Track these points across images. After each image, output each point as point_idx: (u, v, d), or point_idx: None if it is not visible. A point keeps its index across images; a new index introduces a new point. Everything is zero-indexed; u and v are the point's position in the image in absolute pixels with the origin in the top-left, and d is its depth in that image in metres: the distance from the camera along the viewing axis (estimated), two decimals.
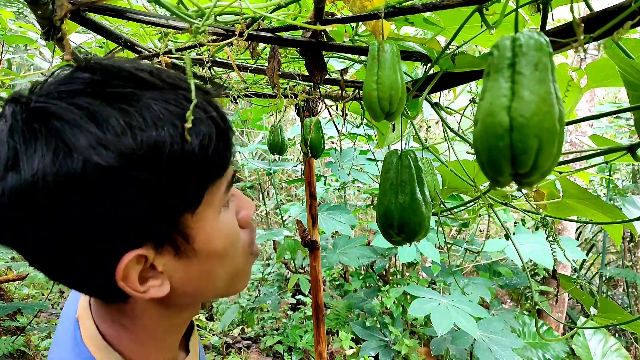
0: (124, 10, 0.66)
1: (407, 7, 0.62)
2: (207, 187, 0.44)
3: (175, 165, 0.39)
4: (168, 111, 0.40)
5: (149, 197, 0.39)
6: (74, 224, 0.38)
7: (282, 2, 0.67)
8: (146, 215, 0.40)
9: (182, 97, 0.41)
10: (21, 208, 0.37)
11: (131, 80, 0.40)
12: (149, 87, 0.40)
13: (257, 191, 6.03)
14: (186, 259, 0.45)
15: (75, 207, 0.37)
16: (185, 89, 0.42)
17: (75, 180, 0.36)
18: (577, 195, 1.01)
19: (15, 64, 4.35)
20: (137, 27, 1.00)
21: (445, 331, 2.11)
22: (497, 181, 0.39)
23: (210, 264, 0.47)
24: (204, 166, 0.42)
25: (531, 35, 0.37)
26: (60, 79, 0.40)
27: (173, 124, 0.39)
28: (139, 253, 0.41)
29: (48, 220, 0.37)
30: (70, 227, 0.38)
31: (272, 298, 3.46)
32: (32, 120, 0.38)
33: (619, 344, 2.56)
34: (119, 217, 0.38)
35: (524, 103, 0.35)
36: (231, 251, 0.49)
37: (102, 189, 0.37)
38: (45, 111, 0.38)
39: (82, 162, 0.36)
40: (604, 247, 3.83)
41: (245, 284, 0.54)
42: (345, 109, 1.21)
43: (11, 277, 2.87)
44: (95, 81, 0.39)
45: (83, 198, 0.37)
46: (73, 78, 0.40)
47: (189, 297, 0.49)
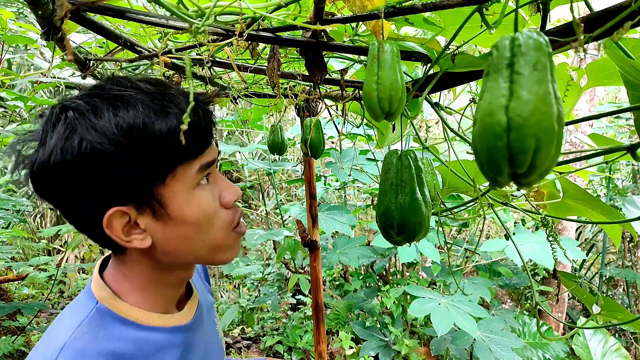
0: (124, 10, 0.66)
1: (407, 7, 0.62)
2: (176, 165, 0.56)
3: (145, 145, 0.53)
4: (148, 106, 0.53)
5: (125, 167, 0.53)
6: (75, 183, 0.53)
7: (282, 2, 0.67)
8: (124, 181, 0.53)
9: (166, 99, 0.55)
10: (45, 172, 0.53)
11: (130, 88, 0.55)
12: (142, 91, 0.55)
13: (257, 191, 6.03)
14: (162, 221, 0.57)
15: (73, 172, 0.52)
16: (172, 94, 0.57)
17: (74, 152, 0.52)
18: (577, 196, 1.01)
19: (15, 64, 4.35)
20: (137, 27, 1.00)
21: (445, 331, 2.11)
22: (496, 181, 0.39)
23: (184, 229, 0.59)
24: (171, 149, 0.54)
25: (530, 35, 0.37)
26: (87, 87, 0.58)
27: (148, 114, 0.53)
28: (120, 209, 0.55)
29: (59, 180, 0.53)
30: (73, 186, 0.53)
31: (272, 298, 3.46)
32: (59, 112, 0.55)
33: (619, 344, 2.56)
34: (104, 180, 0.53)
35: (522, 103, 0.35)
36: (205, 224, 0.60)
37: (91, 160, 0.52)
38: (67, 106, 0.55)
39: (78, 140, 0.52)
40: (604, 247, 3.83)
41: (231, 256, 0.66)
42: (345, 109, 1.21)
43: (11, 277, 2.87)
44: (104, 87, 0.56)
45: (78, 166, 0.52)
46: (93, 87, 0.57)
47: (171, 256, 0.61)
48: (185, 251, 0.61)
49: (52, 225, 5.04)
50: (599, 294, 0.92)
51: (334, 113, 1.42)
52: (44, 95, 4.56)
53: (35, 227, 4.94)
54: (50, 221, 5.18)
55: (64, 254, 4.54)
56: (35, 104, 1.92)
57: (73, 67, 1.43)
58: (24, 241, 4.27)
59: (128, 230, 0.57)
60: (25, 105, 1.93)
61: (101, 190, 0.53)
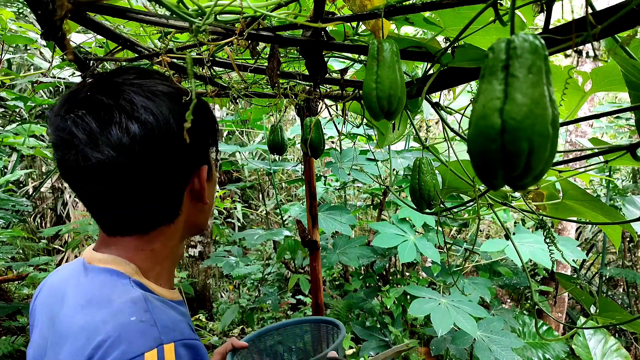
0: (124, 9, 0.66)
1: (407, 6, 0.62)
2: (215, 141, 0.72)
3: (209, 122, 0.69)
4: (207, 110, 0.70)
5: (209, 133, 0.69)
6: (184, 149, 0.62)
7: (282, 0, 0.67)
8: (207, 143, 0.69)
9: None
10: (153, 142, 0.59)
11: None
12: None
13: (257, 191, 6.03)
14: (209, 182, 0.70)
15: (180, 139, 0.58)
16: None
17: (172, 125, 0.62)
18: (577, 197, 1.01)
19: (15, 64, 4.35)
20: (137, 27, 1.00)
21: (445, 331, 2.11)
22: (491, 184, 0.39)
23: (214, 188, 0.74)
24: (216, 130, 0.72)
25: (526, 38, 0.37)
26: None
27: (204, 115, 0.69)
28: (204, 168, 0.67)
29: (165, 149, 0.60)
30: (180, 152, 0.62)
31: (272, 298, 3.46)
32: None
33: (618, 343, 2.56)
34: (201, 139, 0.67)
35: (516, 106, 0.35)
36: (216, 184, 0.77)
37: (196, 118, 0.62)
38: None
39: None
40: (604, 247, 3.83)
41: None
42: (345, 108, 1.21)
43: (11, 277, 2.87)
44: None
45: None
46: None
47: (202, 218, 0.72)
48: (210, 210, 0.74)
49: (52, 225, 5.04)
50: (596, 296, 0.92)
51: (334, 113, 1.42)
52: (43, 95, 4.56)
53: (35, 227, 4.94)
54: (50, 221, 5.18)
55: (64, 254, 4.54)
56: (35, 104, 1.92)
57: (73, 67, 1.43)
58: (24, 241, 4.27)
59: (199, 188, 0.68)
60: (25, 105, 1.93)
61: (201, 148, 0.67)
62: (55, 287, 0.67)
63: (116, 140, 0.55)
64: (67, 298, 0.61)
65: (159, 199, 0.62)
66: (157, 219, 0.64)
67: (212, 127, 0.70)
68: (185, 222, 0.68)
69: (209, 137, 0.69)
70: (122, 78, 0.60)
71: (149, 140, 0.57)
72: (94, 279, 0.61)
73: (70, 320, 0.57)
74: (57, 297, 0.64)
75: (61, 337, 0.57)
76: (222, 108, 2.53)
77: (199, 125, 0.64)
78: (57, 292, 0.65)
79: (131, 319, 0.54)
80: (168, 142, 0.59)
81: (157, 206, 0.62)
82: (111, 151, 0.55)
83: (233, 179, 6.27)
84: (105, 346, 0.51)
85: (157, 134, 0.57)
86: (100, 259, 0.63)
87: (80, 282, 0.62)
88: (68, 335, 0.56)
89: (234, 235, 3.96)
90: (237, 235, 3.55)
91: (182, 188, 0.65)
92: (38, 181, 4.90)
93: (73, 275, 0.65)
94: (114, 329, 0.53)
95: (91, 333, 0.53)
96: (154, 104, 0.58)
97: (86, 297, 0.59)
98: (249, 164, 3.45)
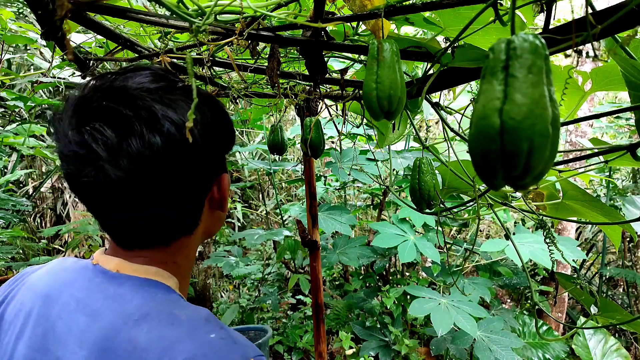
0: (124, 9, 0.66)
1: (407, 6, 0.62)
2: (231, 148, 0.70)
3: (228, 128, 0.67)
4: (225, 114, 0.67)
5: (227, 140, 0.67)
6: (202, 157, 0.59)
7: (282, 0, 0.67)
8: (217, 159, 0.65)
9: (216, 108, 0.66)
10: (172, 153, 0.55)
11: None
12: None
13: (257, 191, 6.03)
14: (224, 189, 0.68)
15: (200, 149, 0.58)
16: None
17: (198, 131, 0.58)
18: (577, 197, 1.01)
19: (15, 64, 4.35)
20: (137, 27, 1.00)
21: (445, 331, 2.11)
22: (491, 184, 0.39)
23: (227, 194, 0.70)
24: (233, 138, 0.69)
25: (526, 38, 0.37)
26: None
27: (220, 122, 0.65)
28: (225, 175, 0.67)
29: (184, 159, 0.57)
30: (199, 160, 0.59)
31: (272, 298, 3.46)
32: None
33: (618, 343, 2.56)
34: (220, 152, 0.66)
35: (516, 106, 0.35)
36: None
37: (216, 126, 0.63)
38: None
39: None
40: (604, 247, 3.83)
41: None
42: (345, 108, 1.21)
43: (11, 277, 2.87)
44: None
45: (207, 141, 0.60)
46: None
47: (218, 225, 0.70)
48: (224, 216, 0.72)
49: (52, 225, 5.04)
50: (596, 296, 0.92)
51: (334, 113, 1.42)
52: (43, 95, 4.56)
53: (35, 227, 4.94)
54: (50, 221, 5.18)
55: (64, 254, 4.54)
56: (35, 104, 1.92)
57: (73, 67, 1.43)
58: (24, 241, 4.26)
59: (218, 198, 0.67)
60: (25, 105, 1.93)
61: (221, 156, 0.67)
62: (51, 295, 0.58)
63: (136, 152, 0.51)
64: (93, 311, 0.54)
65: (178, 210, 0.58)
66: (177, 230, 0.61)
67: (231, 132, 0.67)
68: (203, 233, 0.67)
69: (229, 144, 0.67)
70: (136, 83, 0.55)
71: (171, 151, 0.53)
72: (139, 290, 0.56)
73: (120, 335, 0.51)
74: (63, 305, 0.56)
75: (103, 351, 0.50)
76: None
77: (219, 131, 0.62)
78: (60, 299, 0.56)
79: (211, 336, 0.51)
80: (190, 151, 0.55)
81: (177, 217, 0.59)
82: (130, 164, 0.51)
83: (233, 179, 6.27)
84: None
85: (179, 144, 0.54)
86: (136, 269, 0.58)
87: (112, 294, 0.55)
88: (118, 352, 0.50)
89: (234, 235, 3.96)
90: (237, 235, 3.55)
91: (202, 198, 0.62)
92: (38, 181, 4.90)
93: (87, 282, 0.58)
94: (196, 347, 0.49)
95: (165, 351, 0.49)
96: (175, 112, 0.54)
97: (140, 312, 0.53)
98: (249, 164, 3.45)
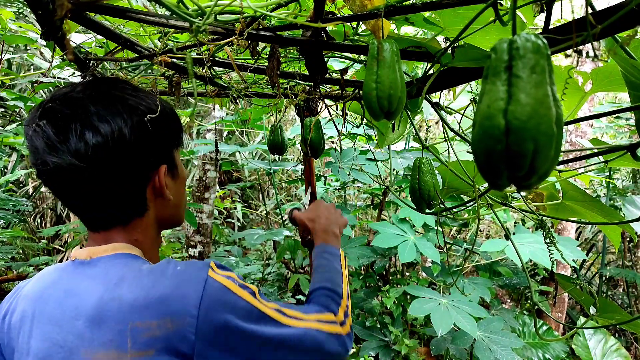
0: (124, 9, 0.66)
1: (407, 6, 0.62)
2: (181, 140, 0.78)
3: (170, 126, 0.74)
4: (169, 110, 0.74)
5: (167, 136, 0.73)
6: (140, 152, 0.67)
7: (282, 0, 0.67)
8: (166, 146, 0.73)
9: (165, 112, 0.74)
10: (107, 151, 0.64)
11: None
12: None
13: (257, 191, 6.03)
14: (176, 180, 0.77)
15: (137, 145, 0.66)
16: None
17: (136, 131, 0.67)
18: (577, 197, 1.01)
19: (15, 64, 4.35)
20: (137, 27, 1.00)
21: (445, 331, 2.11)
22: (495, 184, 0.39)
23: (183, 186, 0.80)
24: (179, 131, 0.77)
25: (528, 38, 0.37)
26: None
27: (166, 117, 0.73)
28: (164, 167, 0.72)
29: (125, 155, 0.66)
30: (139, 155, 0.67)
31: (272, 298, 3.46)
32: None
33: (618, 343, 2.56)
34: (158, 146, 0.71)
35: (521, 106, 0.35)
36: (185, 181, 0.82)
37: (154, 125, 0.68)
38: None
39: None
40: (604, 247, 3.83)
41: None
42: (345, 108, 1.21)
43: (11, 277, 2.87)
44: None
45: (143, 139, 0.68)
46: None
47: (173, 212, 0.78)
48: (180, 204, 0.80)
49: (52, 225, 5.04)
50: (596, 296, 0.92)
51: (334, 113, 1.42)
52: (43, 95, 4.56)
53: (35, 227, 4.94)
54: (50, 221, 5.18)
55: (64, 254, 4.54)
56: (35, 104, 1.92)
57: (73, 67, 1.43)
58: (24, 241, 4.26)
59: (164, 186, 0.73)
60: (25, 105, 1.93)
61: (159, 151, 0.71)
62: (44, 295, 0.66)
63: (74, 147, 0.61)
64: (79, 292, 0.62)
65: (121, 197, 0.68)
66: (127, 213, 0.70)
67: (174, 131, 0.74)
68: (156, 217, 0.74)
69: (171, 140, 0.74)
70: (86, 89, 0.65)
71: (104, 147, 0.62)
72: (111, 263, 0.65)
73: (106, 298, 0.60)
74: (55, 298, 0.64)
75: (101, 320, 0.58)
76: (222, 108, 2.53)
77: (156, 131, 0.69)
78: (52, 295, 0.65)
79: (177, 268, 0.62)
80: (122, 149, 0.64)
81: (121, 203, 0.68)
82: (71, 158, 0.61)
83: (233, 179, 6.27)
84: (184, 295, 0.59)
85: (110, 142, 0.62)
86: (105, 249, 0.67)
87: (91, 274, 0.64)
88: (108, 312, 0.58)
89: (234, 235, 3.96)
90: (237, 235, 3.55)
91: (142, 187, 0.70)
92: (38, 181, 4.90)
93: (69, 274, 0.67)
94: (170, 280, 0.60)
95: (147, 295, 0.59)
96: (109, 112, 0.63)
97: (116, 277, 0.62)
98: (249, 164, 3.45)
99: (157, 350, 0.56)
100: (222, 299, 0.60)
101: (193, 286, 0.60)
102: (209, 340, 0.58)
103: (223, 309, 0.60)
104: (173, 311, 0.57)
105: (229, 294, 0.62)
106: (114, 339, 0.57)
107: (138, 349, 0.56)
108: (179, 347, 0.57)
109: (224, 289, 0.61)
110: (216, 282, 0.62)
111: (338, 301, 0.82)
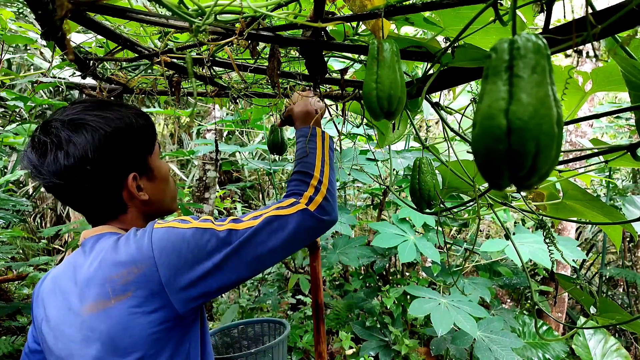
0: (124, 9, 0.66)
1: (407, 6, 0.62)
2: (153, 147, 0.89)
3: (138, 137, 0.84)
4: (142, 118, 0.86)
5: (133, 149, 0.83)
6: (110, 163, 0.80)
7: (282, 0, 0.67)
8: (133, 156, 0.83)
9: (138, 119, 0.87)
10: (86, 162, 0.78)
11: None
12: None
13: (257, 191, 6.03)
14: (151, 180, 0.88)
15: (109, 157, 0.80)
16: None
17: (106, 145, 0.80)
18: (577, 197, 1.01)
19: (15, 64, 4.35)
20: (137, 27, 1.00)
21: (445, 331, 2.11)
22: (496, 184, 0.39)
23: (161, 183, 0.91)
24: (149, 140, 0.88)
25: (529, 38, 0.37)
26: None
27: (137, 122, 0.85)
28: (133, 174, 0.83)
29: (100, 164, 0.79)
30: (110, 165, 0.80)
31: (272, 298, 3.46)
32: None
33: (618, 343, 2.57)
34: (126, 157, 0.82)
35: (523, 106, 0.35)
36: (167, 179, 0.93)
37: (116, 143, 0.80)
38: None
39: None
40: (604, 247, 3.83)
41: (177, 205, 0.98)
42: (345, 108, 1.21)
43: (11, 277, 2.87)
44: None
45: (113, 151, 0.80)
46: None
47: (156, 205, 0.90)
48: (162, 201, 0.91)
49: (52, 225, 5.04)
50: (596, 296, 0.92)
51: (334, 113, 1.42)
52: (43, 95, 4.56)
53: (35, 227, 4.94)
54: (50, 221, 5.18)
55: (64, 254, 4.54)
56: (35, 104, 1.92)
57: (73, 67, 1.43)
58: (24, 241, 4.26)
59: (137, 188, 0.84)
60: (25, 105, 1.93)
61: (124, 163, 0.82)
62: (58, 275, 0.83)
63: (52, 169, 0.76)
64: (76, 267, 0.79)
65: (101, 202, 0.83)
66: (110, 213, 0.85)
67: (143, 140, 0.85)
68: (139, 212, 0.88)
69: (140, 149, 0.84)
70: (58, 116, 0.79)
71: (73, 166, 0.76)
72: (102, 239, 0.80)
73: (104, 259, 0.75)
74: (66, 274, 0.81)
75: (89, 282, 0.75)
76: (222, 108, 2.53)
77: (119, 147, 0.80)
78: (64, 273, 0.81)
79: (137, 232, 0.78)
80: (88, 166, 0.77)
81: (103, 206, 0.83)
82: (52, 177, 0.77)
83: (233, 179, 6.27)
84: (140, 246, 0.74)
85: (78, 162, 0.76)
86: (94, 231, 0.83)
87: (82, 251, 0.82)
88: (98, 274, 0.74)
89: None
90: None
91: (116, 192, 0.83)
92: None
93: (71, 260, 0.83)
94: (134, 242, 0.76)
95: (128, 255, 0.74)
96: (76, 135, 0.76)
97: (99, 249, 0.78)
98: (249, 164, 3.45)
99: (133, 291, 0.72)
100: (167, 237, 0.75)
101: (146, 238, 0.75)
102: (169, 268, 0.73)
103: (172, 243, 0.74)
104: (136, 259, 0.73)
105: (172, 231, 0.76)
106: (100, 292, 0.73)
107: (118, 294, 0.72)
108: (149, 284, 0.72)
109: (168, 229, 0.76)
110: (161, 228, 0.77)
111: (307, 181, 0.91)
